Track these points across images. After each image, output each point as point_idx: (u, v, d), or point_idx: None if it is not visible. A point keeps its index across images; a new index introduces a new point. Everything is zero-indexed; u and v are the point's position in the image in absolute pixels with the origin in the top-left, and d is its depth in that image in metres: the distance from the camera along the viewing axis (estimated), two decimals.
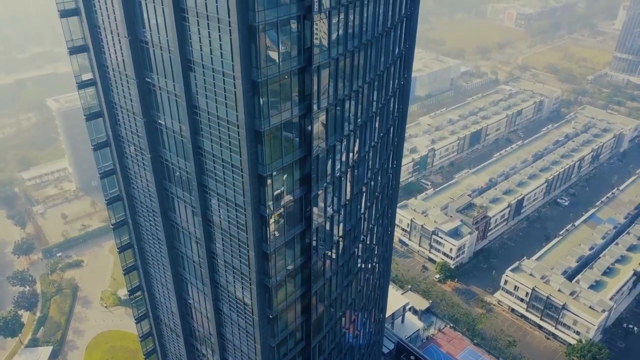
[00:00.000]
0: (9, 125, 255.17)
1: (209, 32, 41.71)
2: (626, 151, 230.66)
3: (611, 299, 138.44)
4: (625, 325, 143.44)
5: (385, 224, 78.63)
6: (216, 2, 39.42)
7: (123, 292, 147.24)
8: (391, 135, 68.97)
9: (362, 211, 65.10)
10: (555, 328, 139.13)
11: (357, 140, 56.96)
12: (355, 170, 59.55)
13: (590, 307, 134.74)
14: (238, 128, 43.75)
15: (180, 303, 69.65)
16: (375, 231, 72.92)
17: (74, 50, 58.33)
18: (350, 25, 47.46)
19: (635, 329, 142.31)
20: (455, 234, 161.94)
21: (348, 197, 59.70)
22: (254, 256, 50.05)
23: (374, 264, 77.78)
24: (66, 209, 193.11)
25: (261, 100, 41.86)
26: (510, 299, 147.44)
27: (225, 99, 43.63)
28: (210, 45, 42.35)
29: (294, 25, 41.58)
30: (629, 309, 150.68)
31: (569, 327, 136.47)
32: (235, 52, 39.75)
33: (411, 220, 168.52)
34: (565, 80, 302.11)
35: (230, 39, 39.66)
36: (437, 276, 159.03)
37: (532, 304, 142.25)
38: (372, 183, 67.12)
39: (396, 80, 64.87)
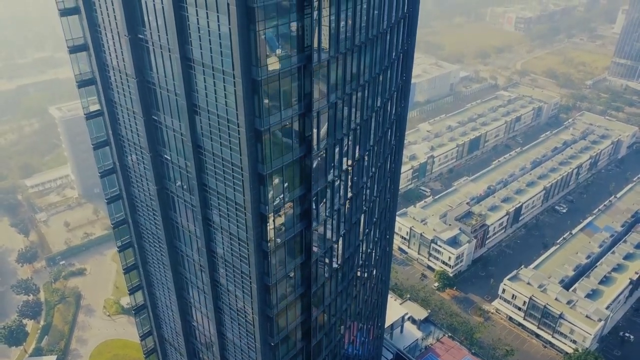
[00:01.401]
0: (11, 132, 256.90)
1: (214, 82, 43.71)
2: (624, 158, 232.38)
3: (607, 307, 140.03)
4: (621, 333, 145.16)
5: (384, 245, 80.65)
6: (221, 56, 41.37)
7: (126, 301, 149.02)
8: (388, 164, 70.91)
9: (361, 237, 67.12)
10: (552, 337, 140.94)
11: (355, 174, 58.92)
12: (354, 201, 61.49)
13: (586, 317, 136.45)
14: (242, 170, 45.75)
15: (185, 325, 71.63)
16: (373, 255, 74.89)
17: (82, 84, 60.23)
18: (348, 70, 49.40)
19: (632, 337, 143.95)
20: (453, 242, 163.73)
21: (346, 227, 61.68)
22: (256, 288, 52.07)
23: (372, 284, 79.77)
24: (69, 217, 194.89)
25: (264, 146, 43.83)
26: (508, 308, 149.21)
27: (230, 143, 45.63)
28: (215, 94, 44.32)
29: (294, 76, 43.53)
30: (626, 317, 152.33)
31: (565, 336, 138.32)
32: (239, 103, 41.74)
33: (410, 229, 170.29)
34: (564, 85, 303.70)
35: (235, 90, 41.64)
36: (436, 284, 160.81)
37: (530, 313, 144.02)
38: (371, 205, 69.04)
39: (393, 112, 66.82)
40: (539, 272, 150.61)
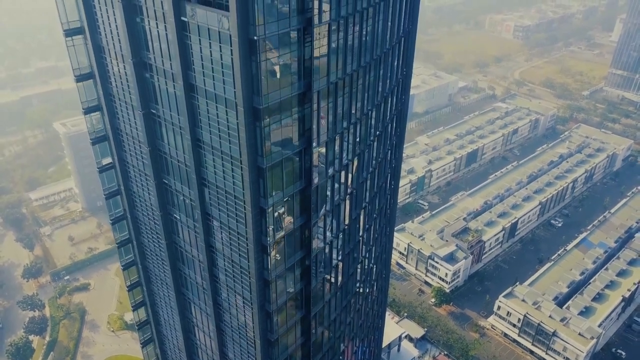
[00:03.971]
0: (15, 144, 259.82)
1: (222, 164, 47.28)
2: (619, 171, 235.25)
3: (600, 325, 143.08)
4: (613, 350, 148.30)
5: (381, 284, 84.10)
6: (229, 144, 44.96)
7: (129, 317, 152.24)
8: (384, 211, 74.35)
9: (358, 286, 70.67)
10: (546, 354, 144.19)
11: (352, 231, 62.51)
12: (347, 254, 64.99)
13: (579, 334, 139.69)
14: (247, 240, 49.39)
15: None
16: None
17: (95, 141, 63.76)
18: (344, 146, 52.96)
19: (624, 354, 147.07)
20: (450, 258, 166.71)
21: (342, 280, 65.15)
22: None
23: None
24: (73, 231, 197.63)
25: (267, 220, 47.45)
26: (503, 324, 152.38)
27: (237, 216, 49.24)
28: (223, 173, 47.93)
29: (296, 159, 47.14)
30: (618, 334, 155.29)
31: (559, 353, 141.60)
32: (245, 186, 45.34)
33: (408, 245, 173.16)
34: (561, 95, 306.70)
35: (242, 174, 45.24)
36: (433, 300, 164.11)
37: (524, 330, 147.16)
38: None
39: (388, 168, 70.26)
40: (534, 289, 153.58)
